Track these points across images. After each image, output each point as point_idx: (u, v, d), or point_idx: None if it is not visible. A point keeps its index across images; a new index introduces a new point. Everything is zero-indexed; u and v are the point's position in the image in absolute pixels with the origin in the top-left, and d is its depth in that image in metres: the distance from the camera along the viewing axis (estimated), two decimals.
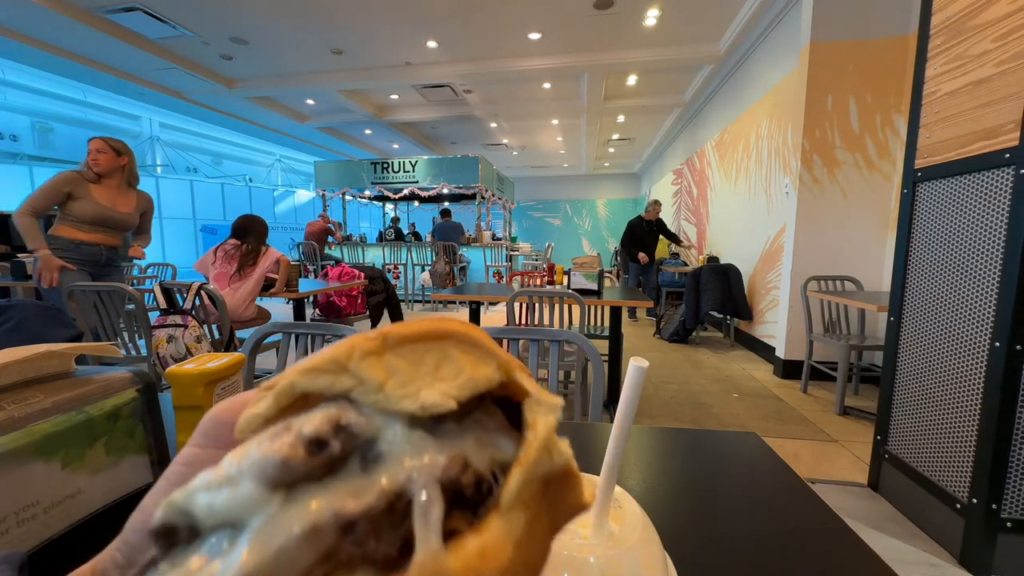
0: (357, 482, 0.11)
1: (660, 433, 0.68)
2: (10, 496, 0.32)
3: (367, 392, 0.12)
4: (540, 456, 0.12)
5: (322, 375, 0.12)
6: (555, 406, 0.14)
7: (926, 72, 1.55)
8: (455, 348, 0.13)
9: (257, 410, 0.13)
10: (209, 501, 0.11)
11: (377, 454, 0.12)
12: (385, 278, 3.57)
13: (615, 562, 0.22)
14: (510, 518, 0.11)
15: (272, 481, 0.11)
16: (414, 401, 0.12)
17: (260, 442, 0.12)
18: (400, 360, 0.13)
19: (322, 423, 0.11)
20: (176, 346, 1.94)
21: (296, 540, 0.10)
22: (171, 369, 0.45)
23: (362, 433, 0.12)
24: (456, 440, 0.12)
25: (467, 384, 0.13)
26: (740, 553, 0.42)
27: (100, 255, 2.32)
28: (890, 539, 1.46)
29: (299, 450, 0.11)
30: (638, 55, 4.83)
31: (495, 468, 0.12)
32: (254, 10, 4.12)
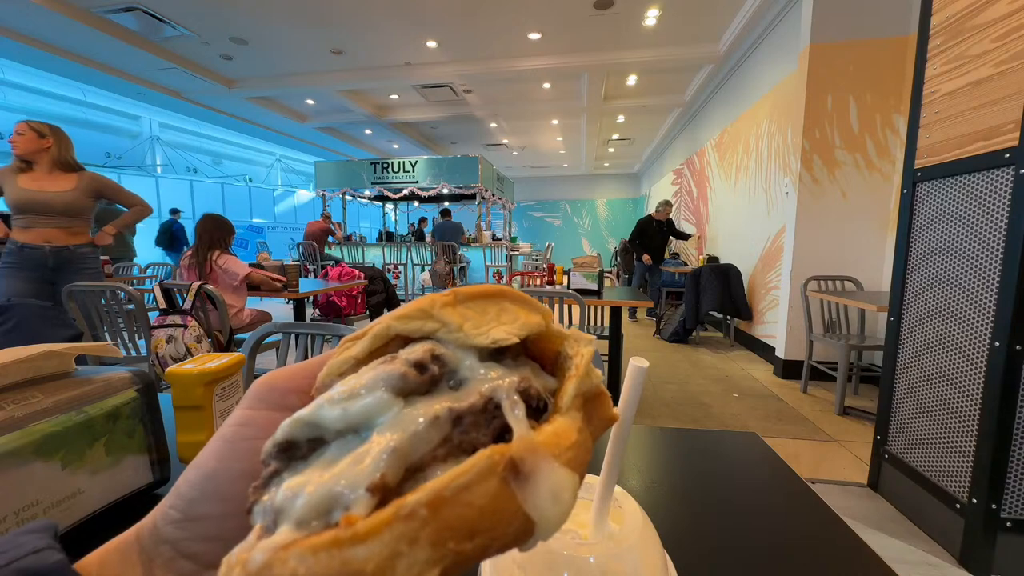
0: (453, 395, 0.14)
1: (660, 433, 0.68)
2: (10, 496, 0.32)
3: (449, 332, 0.15)
4: (585, 374, 0.16)
5: (413, 320, 0.15)
6: (591, 340, 0.17)
7: (926, 72, 1.55)
8: (509, 302, 0.17)
9: (351, 352, 0.16)
10: (343, 408, 0.13)
11: (461, 378, 0.15)
12: (385, 278, 3.57)
13: (615, 562, 0.22)
14: (569, 415, 0.15)
15: (396, 389, 0.14)
16: (486, 337, 0.15)
17: (375, 367, 0.14)
18: (470, 310, 0.16)
19: (422, 352, 0.14)
20: (176, 346, 1.94)
21: (424, 425, 0.13)
22: (171, 369, 0.45)
23: (450, 362, 0.15)
24: (517, 370, 0.16)
25: (524, 327, 0.16)
26: (740, 553, 0.42)
27: (44, 259, 2.10)
28: (890, 539, 1.46)
29: (411, 370, 0.14)
30: (638, 55, 4.83)
31: (547, 392, 0.16)
32: (254, 10, 4.12)
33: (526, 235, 13.12)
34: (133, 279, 4.24)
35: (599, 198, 12.96)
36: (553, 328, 0.17)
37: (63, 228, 2.14)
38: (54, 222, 2.10)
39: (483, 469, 0.12)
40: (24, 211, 2.06)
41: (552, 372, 0.17)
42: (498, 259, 7.20)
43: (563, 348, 0.17)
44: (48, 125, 2.13)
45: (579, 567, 0.22)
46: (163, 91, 6.04)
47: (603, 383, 0.17)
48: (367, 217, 14.08)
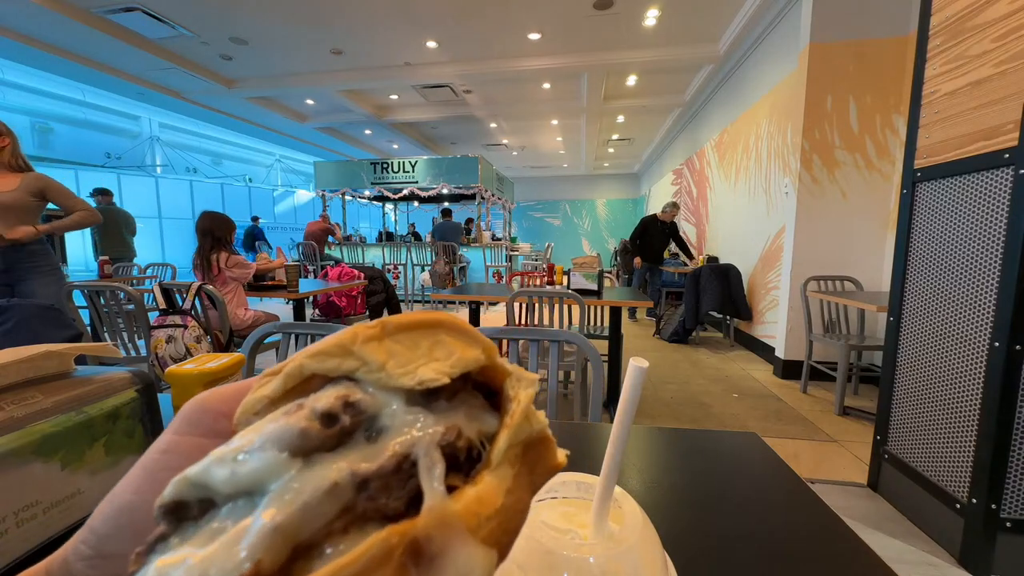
0: (365, 450, 0.13)
1: (660, 433, 0.68)
2: (10, 496, 0.32)
3: (370, 371, 0.13)
4: (522, 422, 0.14)
5: (329, 358, 0.13)
6: (533, 381, 0.16)
7: (925, 72, 1.55)
8: (446, 334, 0.15)
9: (264, 392, 0.14)
10: (232, 470, 0.12)
11: (380, 427, 0.13)
12: (385, 278, 3.57)
13: (615, 562, 0.22)
14: (499, 472, 0.14)
15: (292, 449, 0.12)
16: (412, 377, 0.13)
17: (275, 418, 0.13)
18: (398, 345, 0.14)
19: (333, 399, 0.13)
20: (175, 346, 1.94)
21: (319, 496, 0.11)
22: (171, 369, 0.45)
23: (367, 409, 0.13)
24: (448, 414, 0.14)
25: (457, 363, 0.14)
26: (740, 553, 0.42)
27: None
28: (890, 539, 1.46)
29: (314, 423, 0.12)
30: (638, 55, 4.83)
31: (482, 438, 0.14)
32: (254, 10, 4.12)
33: (526, 235, 13.12)
34: (133, 279, 4.23)
35: (599, 198, 12.97)
36: (496, 363, 0.16)
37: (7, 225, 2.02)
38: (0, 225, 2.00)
39: (376, 556, 0.10)
40: None
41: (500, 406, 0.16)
42: (498, 259, 7.20)
43: (505, 387, 0.16)
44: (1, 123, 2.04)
45: (579, 567, 0.22)
46: (163, 91, 6.04)
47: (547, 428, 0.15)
48: (367, 217, 14.08)
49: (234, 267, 2.34)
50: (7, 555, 0.31)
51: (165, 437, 0.16)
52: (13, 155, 2.07)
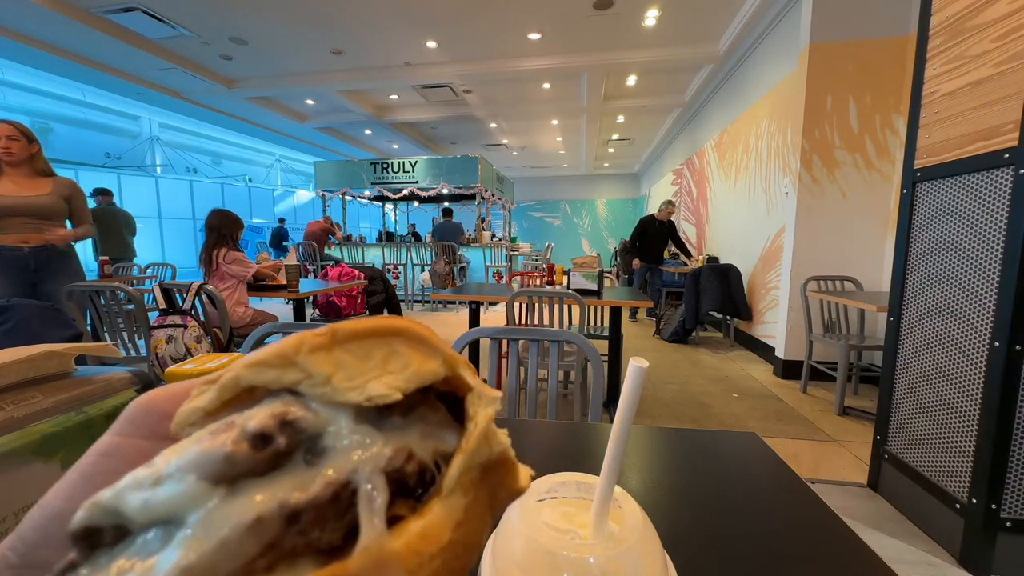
0: (302, 475, 0.11)
1: (660, 433, 0.68)
2: (10, 496, 0.32)
3: (314, 385, 0.12)
4: (479, 445, 0.13)
5: (269, 369, 0.12)
6: (494, 399, 0.14)
7: (925, 72, 1.55)
8: (403, 344, 0.14)
9: (198, 403, 0.13)
10: (145, 498, 0.10)
11: (322, 448, 0.12)
12: (385, 278, 3.57)
13: (615, 562, 0.22)
14: (450, 502, 0.12)
15: (214, 476, 0.10)
16: (360, 393, 0.12)
17: (200, 438, 0.11)
18: (348, 355, 0.13)
19: (267, 418, 0.11)
20: (175, 346, 1.94)
21: (239, 531, 0.10)
22: (170, 369, 0.45)
23: (308, 428, 0.12)
24: (401, 433, 0.13)
25: (413, 377, 0.13)
26: (740, 553, 0.42)
27: (26, 261, 2.09)
28: (890, 539, 1.46)
29: (243, 445, 0.11)
30: (638, 55, 4.83)
31: (438, 458, 0.13)
32: (254, 10, 4.12)
33: (526, 235, 13.12)
34: (133, 279, 4.23)
35: (599, 198, 12.97)
36: (459, 375, 0.14)
37: (40, 232, 2.13)
38: (31, 225, 2.09)
39: None
40: (5, 215, 2.03)
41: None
42: (498, 259, 7.20)
43: (466, 404, 0.14)
44: (30, 129, 2.13)
45: (579, 567, 0.22)
46: (163, 91, 6.04)
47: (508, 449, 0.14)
48: (367, 217, 14.08)
49: (232, 263, 2.35)
50: None
51: (106, 439, 0.15)
52: (43, 161, 2.17)
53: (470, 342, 1.08)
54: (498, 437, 0.14)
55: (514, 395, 1.20)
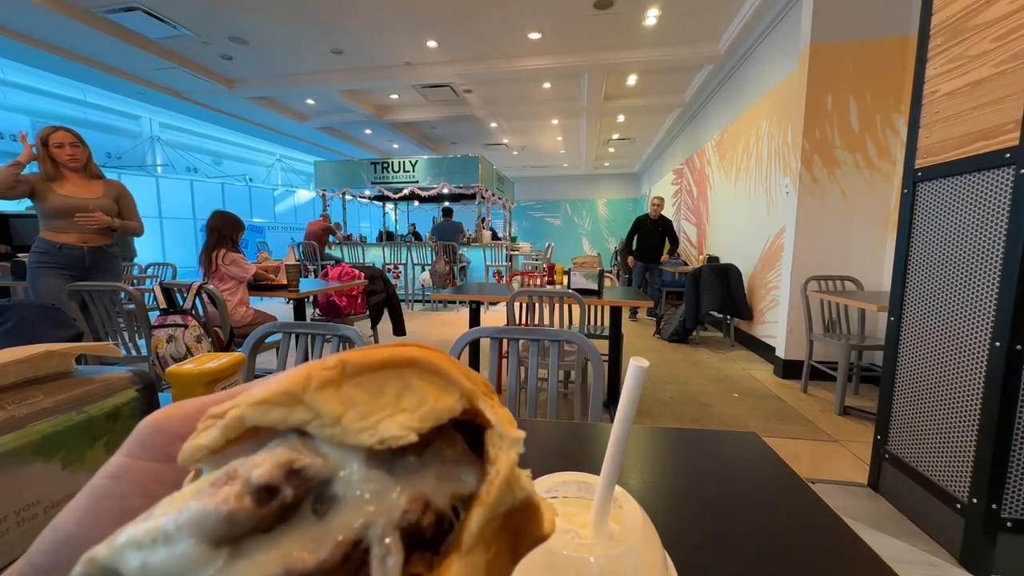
0: (310, 530, 0.10)
1: (660, 433, 0.68)
2: (10, 496, 0.32)
3: (323, 426, 0.11)
4: (501, 494, 0.12)
5: (275, 408, 0.11)
6: (517, 440, 0.13)
7: (926, 72, 1.55)
8: (417, 377, 0.13)
9: (202, 441, 0.12)
10: (143, 560, 0.10)
11: (332, 496, 0.11)
12: (385, 278, 3.56)
13: (615, 562, 0.22)
14: (471, 558, 0.11)
15: (216, 538, 0.10)
16: (373, 434, 0.11)
17: (200, 492, 0.10)
18: (359, 391, 0.12)
19: (273, 468, 0.11)
20: (176, 346, 1.94)
21: None
22: (171, 369, 0.45)
23: (316, 475, 0.11)
24: (416, 476, 0.12)
25: (428, 415, 0.12)
26: (740, 553, 0.42)
27: (82, 259, 2.26)
28: (890, 539, 1.46)
29: (246, 501, 0.10)
30: (638, 55, 4.83)
31: (456, 502, 0.12)
32: (254, 10, 4.12)
33: (526, 235, 13.12)
34: (133, 279, 4.24)
35: (599, 198, 12.97)
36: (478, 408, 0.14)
37: (98, 231, 2.30)
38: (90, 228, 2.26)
39: None
40: (65, 216, 2.19)
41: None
42: (498, 259, 7.20)
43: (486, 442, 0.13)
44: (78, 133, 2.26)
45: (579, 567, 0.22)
46: (163, 91, 6.04)
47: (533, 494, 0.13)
48: (367, 217, 14.08)
49: (231, 264, 2.36)
50: (9, 554, 0.31)
51: (116, 460, 0.15)
52: (94, 164, 2.32)
53: (470, 342, 1.08)
54: (521, 482, 0.13)
55: (514, 395, 1.20)
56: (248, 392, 0.12)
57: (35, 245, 2.19)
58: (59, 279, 2.19)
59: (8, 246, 3.88)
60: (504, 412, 0.14)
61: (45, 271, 2.19)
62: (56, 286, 2.17)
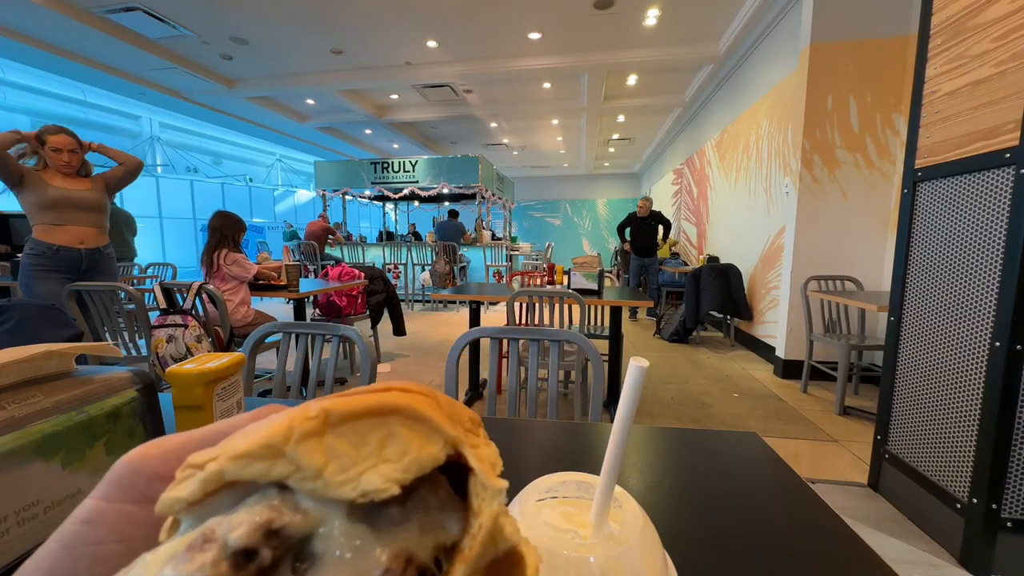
0: None
1: (660, 433, 0.68)
2: (10, 496, 0.32)
3: (304, 479, 0.11)
4: (484, 548, 0.12)
5: (255, 462, 0.11)
6: (500, 491, 0.13)
7: (926, 72, 1.55)
8: (401, 425, 0.13)
9: (180, 494, 0.11)
10: None
11: (311, 553, 0.11)
12: (385, 278, 3.56)
13: (615, 562, 0.22)
14: None
15: None
16: (355, 488, 0.11)
17: (176, 557, 0.10)
18: (341, 440, 0.12)
19: (252, 530, 0.10)
20: (176, 346, 1.94)
21: None
22: (171, 369, 0.45)
23: (296, 533, 0.11)
24: (399, 529, 0.12)
25: (412, 465, 0.12)
26: (740, 553, 0.42)
27: (79, 261, 2.20)
28: (890, 539, 1.46)
29: (223, 567, 0.10)
30: (638, 55, 4.83)
31: (439, 553, 0.12)
32: (254, 10, 4.12)
33: (526, 235, 13.12)
34: (133, 279, 4.24)
35: (599, 198, 12.97)
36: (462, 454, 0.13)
37: (94, 227, 2.24)
38: (84, 219, 2.20)
39: None
40: (58, 208, 2.12)
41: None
42: (498, 259, 7.20)
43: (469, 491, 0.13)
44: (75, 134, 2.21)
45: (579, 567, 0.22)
46: (163, 91, 6.04)
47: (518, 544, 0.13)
48: (367, 217, 14.08)
49: (232, 265, 2.36)
50: (9, 554, 0.31)
51: (89, 504, 0.14)
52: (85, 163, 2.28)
53: (470, 342, 1.08)
54: (505, 533, 0.13)
55: (514, 395, 1.20)
56: (229, 443, 0.12)
57: (29, 246, 2.11)
58: (57, 283, 2.13)
59: (8, 246, 3.88)
60: (489, 453, 0.14)
61: (42, 274, 2.13)
62: (53, 290, 2.10)
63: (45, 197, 2.08)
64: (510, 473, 0.14)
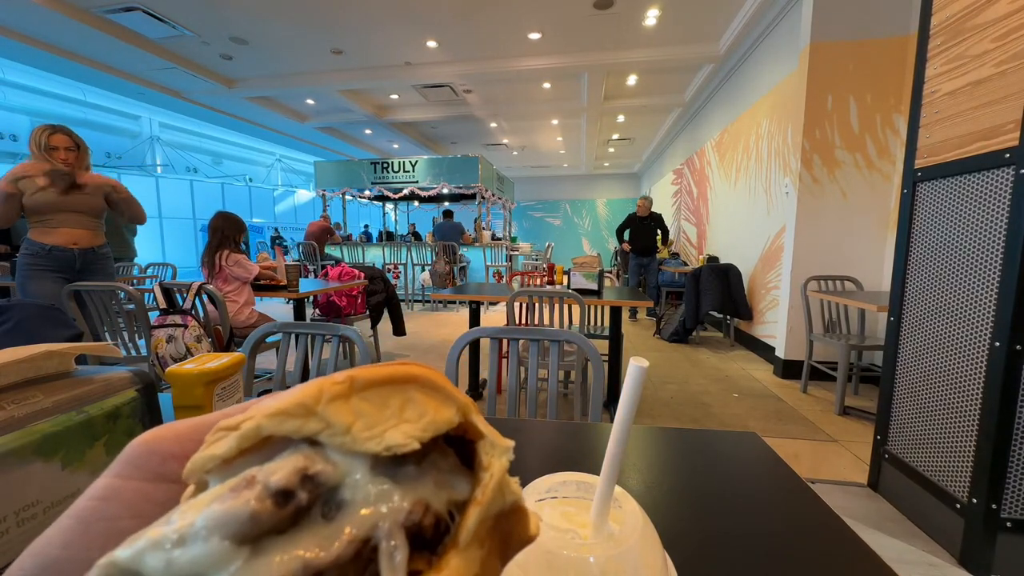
0: (321, 531, 0.11)
1: (660, 433, 0.68)
2: (10, 496, 0.32)
3: (334, 435, 0.12)
4: (495, 496, 0.14)
5: (290, 419, 0.12)
6: (507, 448, 0.15)
7: (926, 72, 1.55)
8: (418, 391, 0.14)
9: (216, 451, 0.12)
10: (167, 560, 0.10)
11: (340, 501, 0.12)
12: (385, 278, 3.56)
13: (615, 562, 0.22)
14: (467, 555, 0.13)
15: (240, 536, 0.10)
16: (379, 442, 0.12)
17: (221, 496, 0.11)
18: (366, 403, 0.13)
19: (291, 474, 0.11)
20: (176, 346, 1.94)
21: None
22: (171, 369, 0.45)
23: (327, 481, 0.12)
24: (416, 482, 0.13)
25: (429, 426, 0.13)
26: (740, 553, 0.42)
27: (73, 260, 2.18)
28: (890, 539, 1.46)
29: (267, 503, 0.11)
30: (638, 55, 4.83)
31: (451, 507, 0.13)
32: (254, 10, 4.12)
33: (526, 235, 13.12)
34: (133, 279, 4.24)
35: (599, 198, 12.97)
36: (471, 421, 0.15)
37: (87, 229, 2.23)
38: (78, 221, 2.18)
39: None
40: (53, 211, 2.11)
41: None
42: (498, 259, 7.20)
43: (478, 451, 0.15)
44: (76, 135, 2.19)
45: (579, 567, 0.22)
46: (163, 91, 6.04)
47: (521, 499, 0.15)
48: (367, 217, 14.09)
49: (234, 266, 2.36)
50: (9, 554, 0.31)
51: (102, 482, 0.14)
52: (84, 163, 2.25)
53: (470, 342, 1.08)
54: (511, 487, 0.14)
55: (514, 395, 1.20)
56: (259, 405, 0.13)
57: (24, 246, 2.11)
58: (51, 283, 2.12)
59: (8, 246, 3.88)
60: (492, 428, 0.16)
61: (36, 273, 2.12)
62: (47, 289, 2.10)
63: (47, 201, 2.08)
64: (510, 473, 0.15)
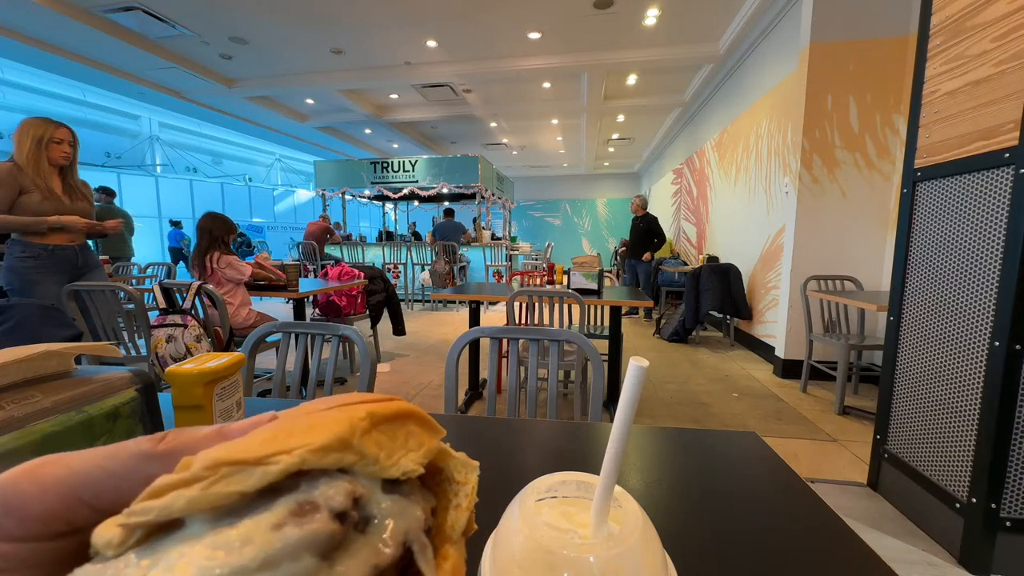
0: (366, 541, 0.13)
1: (660, 433, 0.68)
2: None
3: (366, 464, 0.14)
4: (470, 502, 0.18)
5: (331, 452, 0.14)
6: (476, 466, 0.19)
7: (926, 72, 1.55)
8: (414, 424, 0.17)
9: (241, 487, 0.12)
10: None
11: (367, 517, 0.14)
12: (385, 278, 3.56)
13: (615, 562, 0.22)
14: (459, 545, 0.17)
15: (323, 552, 0.12)
16: (398, 469, 0.15)
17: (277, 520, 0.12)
18: (383, 436, 0.15)
19: (345, 497, 0.13)
20: (175, 346, 1.94)
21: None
22: (170, 369, 0.45)
23: (364, 503, 0.14)
24: (417, 497, 0.16)
25: (426, 454, 0.16)
26: (740, 553, 0.42)
27: (75, 258, 2.18)
28: (890, 539, 1.46)
29: (336, 524, 0.13)
30: (638, 55, 4.83)
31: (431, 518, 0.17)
32: (254, 10, 4.12)
33: (526, 235, 13.12)
34: (133, 279, 4.24)
35: (599, 198, 12.96)
36: (444, 448, 0.18)
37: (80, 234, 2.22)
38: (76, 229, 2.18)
39: None
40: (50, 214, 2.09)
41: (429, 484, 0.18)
42: (498, 258, 7.20)
43: (448, 469, 0.18)
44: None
45: (579, 567, 0.22)
46: (163, 91, 6.04)
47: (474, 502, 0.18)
48: (367, 217, 14.09)
49: (225, 268, 2.34)
50: None
51: None
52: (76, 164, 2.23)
53: (470, 341, 1.08)
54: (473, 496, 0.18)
55: (514, 394, 1.20)
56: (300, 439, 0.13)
57: (20, 249, 2.04)
58: (56, 285, 2.09)
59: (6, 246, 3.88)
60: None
61: (42, 275, 2.08)
62: (53, 293, 2.07)
63: (50, 208, 2.06)
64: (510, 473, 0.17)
